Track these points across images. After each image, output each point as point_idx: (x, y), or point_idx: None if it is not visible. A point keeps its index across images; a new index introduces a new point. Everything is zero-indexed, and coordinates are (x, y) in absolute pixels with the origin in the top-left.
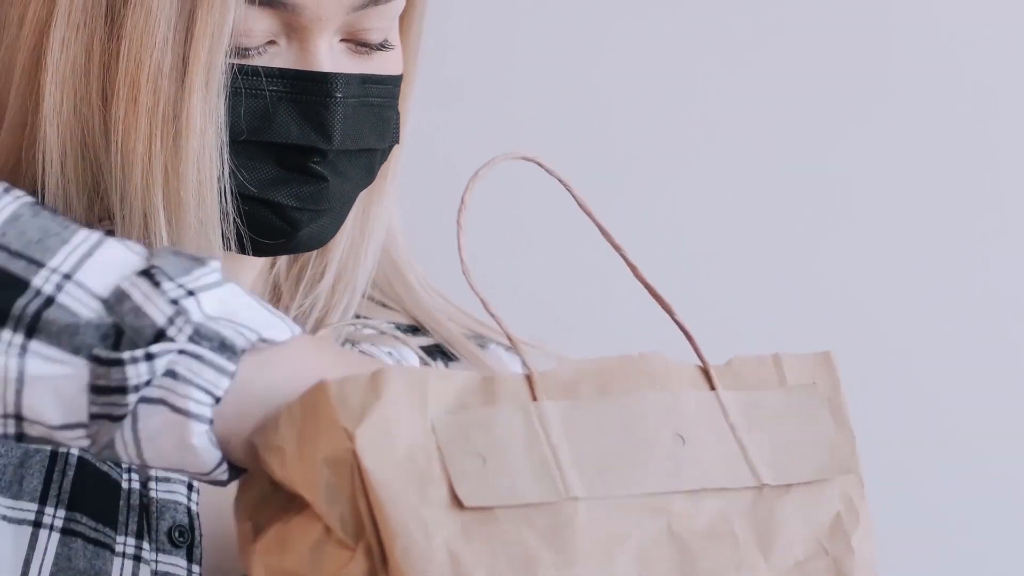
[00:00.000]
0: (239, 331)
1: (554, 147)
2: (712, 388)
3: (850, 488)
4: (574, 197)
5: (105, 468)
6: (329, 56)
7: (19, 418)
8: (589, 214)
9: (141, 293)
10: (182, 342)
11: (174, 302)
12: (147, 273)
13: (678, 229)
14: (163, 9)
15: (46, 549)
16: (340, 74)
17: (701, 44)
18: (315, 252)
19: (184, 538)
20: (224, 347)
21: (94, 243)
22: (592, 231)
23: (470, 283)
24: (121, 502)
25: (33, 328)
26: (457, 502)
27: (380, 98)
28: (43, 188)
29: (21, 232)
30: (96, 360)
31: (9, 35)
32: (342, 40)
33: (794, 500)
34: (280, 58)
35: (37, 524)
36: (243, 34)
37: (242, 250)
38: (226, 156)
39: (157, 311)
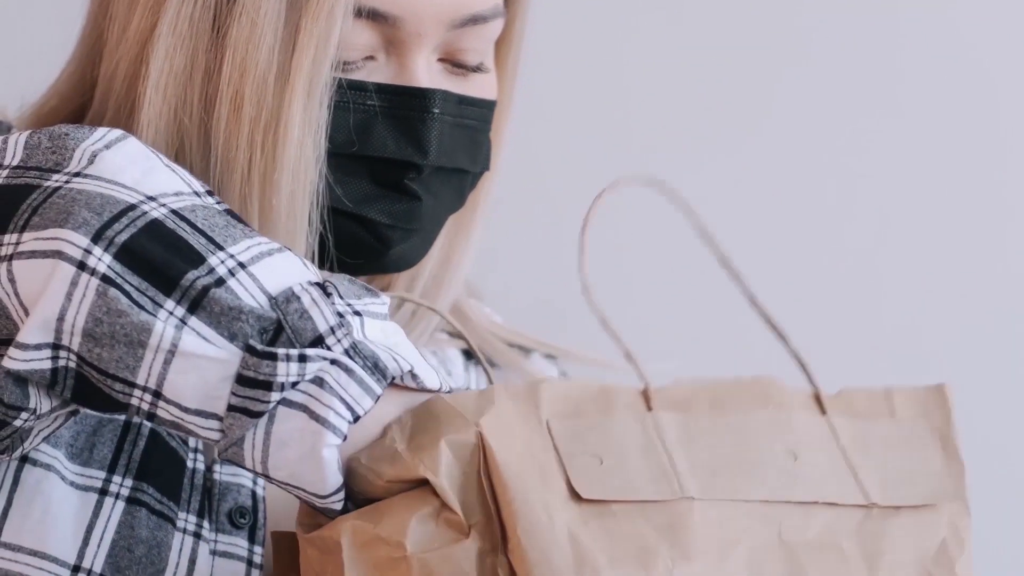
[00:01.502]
0: (395, 358)
1: (564, 145)
2: (823, 412)
3: (957, 516)
4: (698, 227)
5: (174, 444)
6: (427, 73)
7: (157, 394)
8: (713, 243)
9: (310, 299)
10: (338, 352)
11: (340, 315)
12: (320, 285)
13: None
14: (269, 20)
15: (109, 516)
16: (438, 90)
17: (719, 44)
18: (399, 276)
19: (245, 519)
20: (377, 368)
21: (276, 248)
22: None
23: (590, 302)
24: (185, 480)
25: (197, 303)
26: (574, 494)
27: (474, 120)
28: None
29: (210, 216)
30: (250, 350)
31: (110, 45)
32: (439, 60)
33: (902, 522)
34: (378, 73)
35: (103, 492)
36: (344, 47)
37: (329, 268)
38: (323, 169)
39: (322, 318)
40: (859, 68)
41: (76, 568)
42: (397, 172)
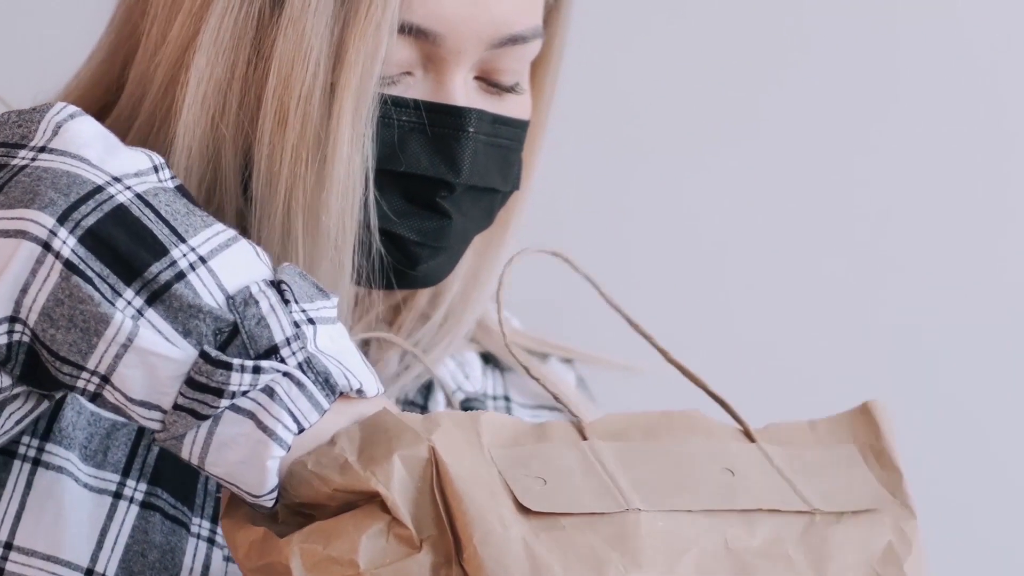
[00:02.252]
0: (345, 374)
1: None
2: (753, 441)
3: (901, 521)
4: (600, 293)
5: None
6: (463, 91)
7: (105, 379)
8: (616, 308)
9: (268, 304)
10: (292, 366)
11: (296, 325)
12: (277, 287)
13: (690, 230)
14: (316, 33)
15: (123, 520)
16: (474, 109)
17: (716, 44)
18: (421, 300)
19: None
20: (327, 384)
21: (230, 238)
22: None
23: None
24: (199, 485)
25: (157, 296)
26: (523, 510)
27: (508, 140)
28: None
29: (172, 202)
30: (204, 356)
31: (147, 47)
32: (476, 78)
33: (846, 528)
34: (415, 89)
35: (117, 495)
36: (385, 62)
37: (359, 283)
38: (371, 185)
39: (279, 327)
40: (859, 68)
41: (89, 572)
42: (429, 190)
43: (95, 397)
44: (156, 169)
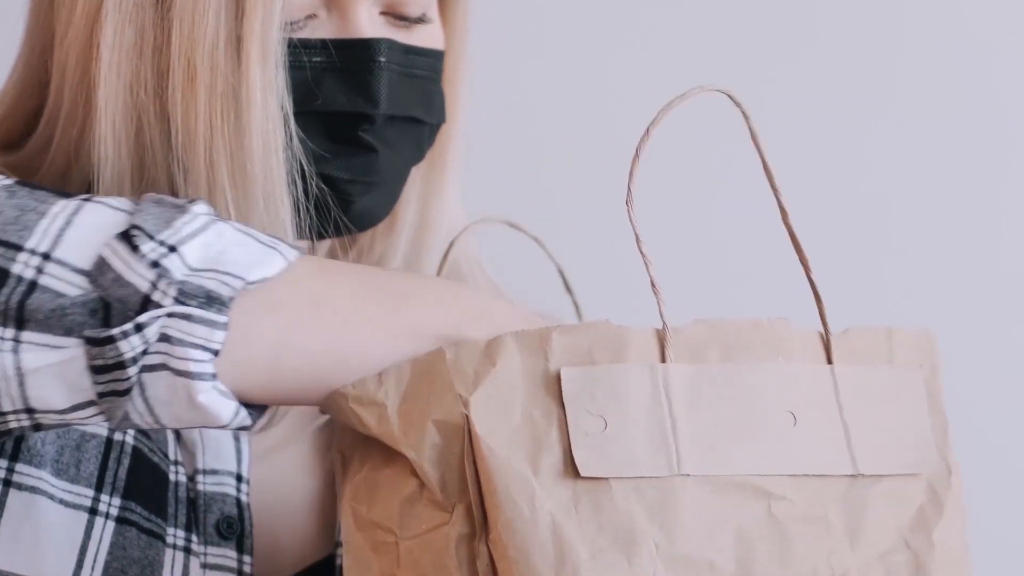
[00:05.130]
0: (223, 280)
1: (565, 145)
2: (829, 361)
3: (936, 480)
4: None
5: (156, 459)
6: (370, 24)
7: (30, 411)
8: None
9: (121, 260)
10: (169, 305)
11: (155, 264)
12: (126, 236)
13: (690, 229)
14: None
15: (101, 537)
16: (383, 39)
17: (715, 43)
18: (377, 249)
19: (233, 529)
20: (212, 300)
21: (73, 210)
22: None
23: (630, 214)
24: (169, 494)
25: (21, 319)
26: (570, 470)
27: (423, 71)
28: (98, 182)
29: (1, 212)
30: (89, 341)
31: (59, 35)
32: (382, 13)
33: (884, 491)
34: (322, 30)
35: (93, 511)
36: (287, 8)
37: (299, 234)
38: (292, 127)
39: (139, 277)
40: (858, 69)
41: None
42: (350, 125)
43: (37, 427)
44: None
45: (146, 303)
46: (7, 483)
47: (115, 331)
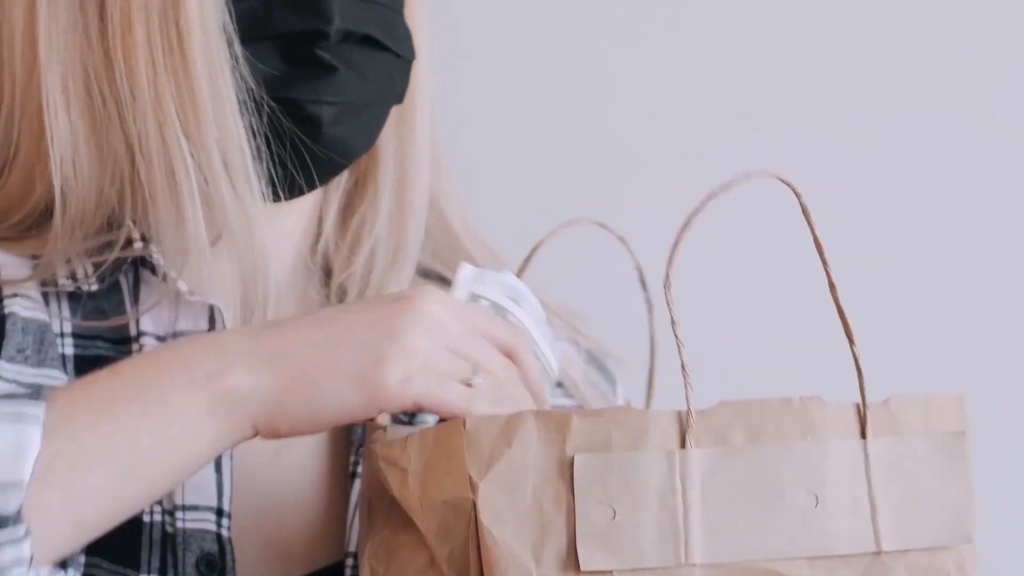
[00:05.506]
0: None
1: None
2: (863, 435)
3: (964, 551)
4: (805, 214)
5: (108, 354)
6: None
7: None
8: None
9: None
10: None
11: None
12: None
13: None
14: None
15: None
16: None
17: (714, 42)
18: (356, 221)
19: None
20: (2, 523)
21: None
22: None
23: (667, 297)
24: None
25: None
26: (573, 562)
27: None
28: (57, 162)
29: None
30: None
31: (4, 40)
32: None
33: (909, 563)
34: None
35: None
36: None
37: (275, 193)
38: (238, 50)
39: None
40: (858, 69)
41: None
42: (307, 44)
43: None
44: None
45: None
46: None
47: None
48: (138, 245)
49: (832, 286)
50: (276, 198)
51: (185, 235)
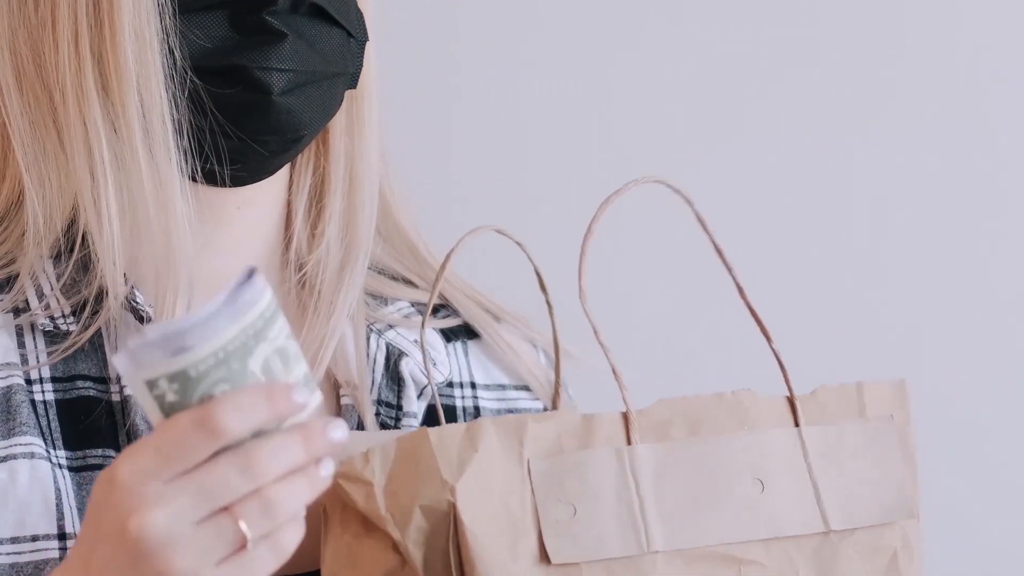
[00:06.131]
0: None
1: (557, 150)
2: (796, 424)
3: (908, 526)
4: (699, 218)
5: (91, 393)
6: None
7: None
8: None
9: None
10: None
11: None
12: None
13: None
14: None
15: (67, 485)
16: None
17: (712, 42)
18: (321, 218)
19: None
20: None
21: None
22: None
23: (584, 308)
24: (117, 421)
25: None
26: (545, 556)
27: None
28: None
29: None
30: None
31: None
32: None
33: (856, 543)
34: None
35: (51, 462)
36: None
37: (215, 170)
38: (170, 24)
39: None
40: (858, 69)
41: (62, 536)
42: (255, 10)
43: None
44: None
45: None
46: None
47: None
48: (122, 289)
49: (740, 289)
50: (221, 183)
51: (97, 196)
